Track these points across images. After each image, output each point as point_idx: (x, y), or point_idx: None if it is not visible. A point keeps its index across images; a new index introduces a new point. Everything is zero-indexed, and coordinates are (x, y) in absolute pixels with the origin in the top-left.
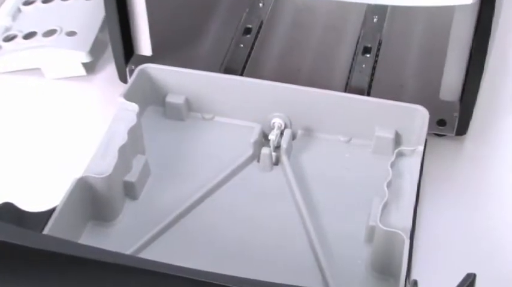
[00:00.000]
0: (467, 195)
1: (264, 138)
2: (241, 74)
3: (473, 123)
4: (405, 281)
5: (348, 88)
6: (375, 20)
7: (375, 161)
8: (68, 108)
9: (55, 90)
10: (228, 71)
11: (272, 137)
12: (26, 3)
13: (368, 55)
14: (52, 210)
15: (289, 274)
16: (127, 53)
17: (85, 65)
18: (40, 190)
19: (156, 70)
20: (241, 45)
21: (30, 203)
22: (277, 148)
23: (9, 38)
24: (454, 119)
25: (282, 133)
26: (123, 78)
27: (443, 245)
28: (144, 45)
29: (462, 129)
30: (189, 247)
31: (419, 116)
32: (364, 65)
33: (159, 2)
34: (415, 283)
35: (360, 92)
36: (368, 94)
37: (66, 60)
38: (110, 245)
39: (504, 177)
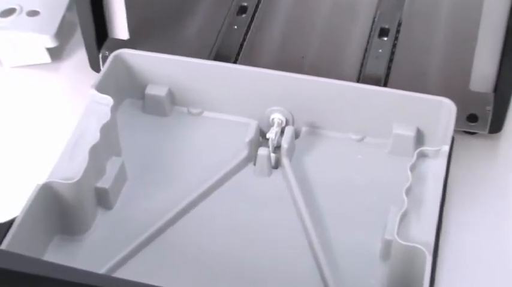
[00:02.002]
0: (501, 203)
1: (262, 137)
2: (235, 62)
3: (509, 119)
4: None
5: (361, 77)
6: None
7: (392, 164)
8: (30, 101)
9: (15, 80)
10: (219, 57)
11: (271, 135)
12: None
13: (385, 38)
14: (11, 222)
15: None
16: (100, 36)
17: (50, 50)
18: None
19: (134, 57)
20: (235, 27)
21: None
22: (277, 148)
23: None
24: (486, 114)
25: (282, 131)
26: (95, 66)
27: (472, 262)
28: (120, 26)
29: (496, 126)
30: (173, 265)
31: (445, 110)
32: (380, 50)
33: None
34: None
35: (376, 82)
36: (385, 85)
37: (28, 45)
38: (79, 263)
39: None
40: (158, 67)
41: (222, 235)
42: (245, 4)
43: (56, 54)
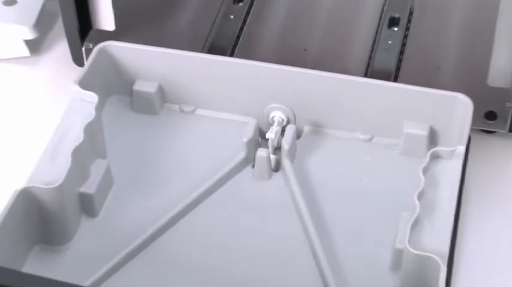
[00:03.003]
0: None
1: (261, 136)
2: (231, 55)
3: None
4: None
5: (369, 72)
6: None
7: (404, 166)
8: (7, 99)
9: None
10: (214, 50)
11: (271, 135)
12: None
13: (395, 28)
14: None
15: None
16: (83, 27)
17: (29, 43)
18: None
19: (121, 49)
20: (231, 17)
21: None
22: (278, 149)
23: None
24: (506, 111)
25: (283, 130)
26: (78, 60)
27: (490, 273)
28: (105, 16)
29: None
30: (163, 278)
31: (460, 107)
32: (390, 42)
33: None
34: None
35: (385, 76)
36: (395, 79)
37: (5, 37)
38: (61, 275)
39: None
40: (147, 61)
41: (217, 245)
42: None
43: (35, 47)
